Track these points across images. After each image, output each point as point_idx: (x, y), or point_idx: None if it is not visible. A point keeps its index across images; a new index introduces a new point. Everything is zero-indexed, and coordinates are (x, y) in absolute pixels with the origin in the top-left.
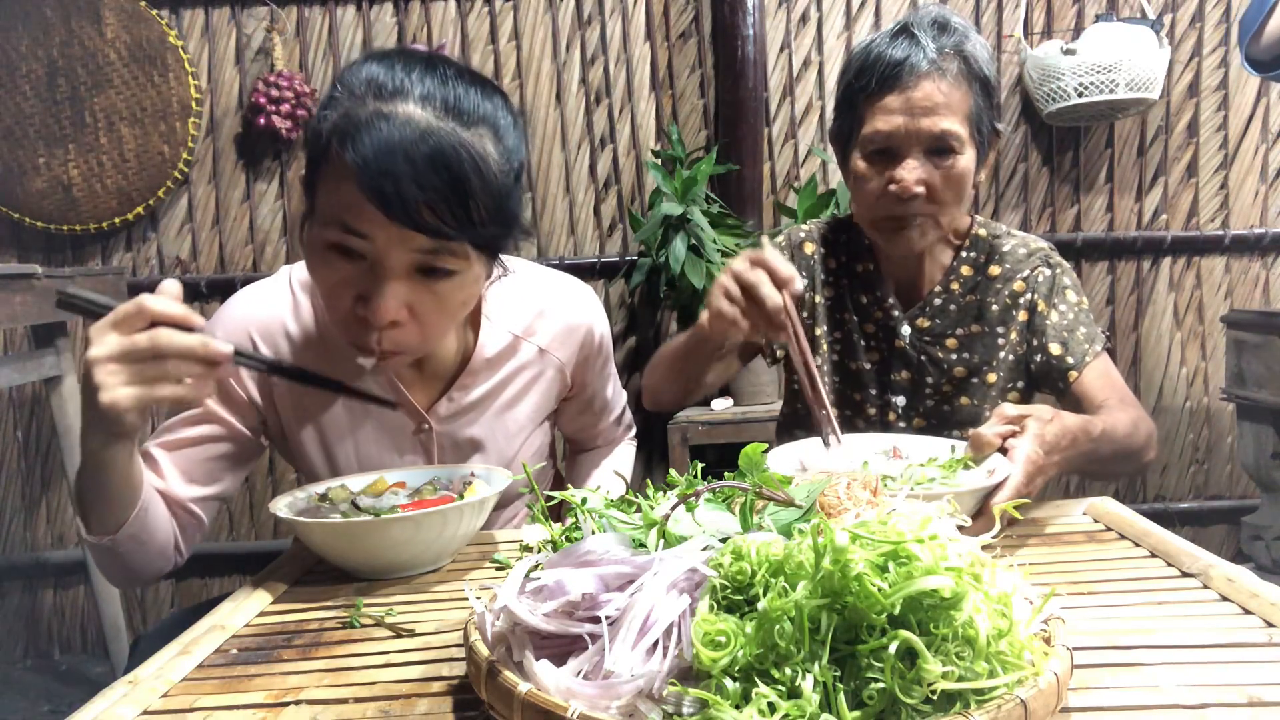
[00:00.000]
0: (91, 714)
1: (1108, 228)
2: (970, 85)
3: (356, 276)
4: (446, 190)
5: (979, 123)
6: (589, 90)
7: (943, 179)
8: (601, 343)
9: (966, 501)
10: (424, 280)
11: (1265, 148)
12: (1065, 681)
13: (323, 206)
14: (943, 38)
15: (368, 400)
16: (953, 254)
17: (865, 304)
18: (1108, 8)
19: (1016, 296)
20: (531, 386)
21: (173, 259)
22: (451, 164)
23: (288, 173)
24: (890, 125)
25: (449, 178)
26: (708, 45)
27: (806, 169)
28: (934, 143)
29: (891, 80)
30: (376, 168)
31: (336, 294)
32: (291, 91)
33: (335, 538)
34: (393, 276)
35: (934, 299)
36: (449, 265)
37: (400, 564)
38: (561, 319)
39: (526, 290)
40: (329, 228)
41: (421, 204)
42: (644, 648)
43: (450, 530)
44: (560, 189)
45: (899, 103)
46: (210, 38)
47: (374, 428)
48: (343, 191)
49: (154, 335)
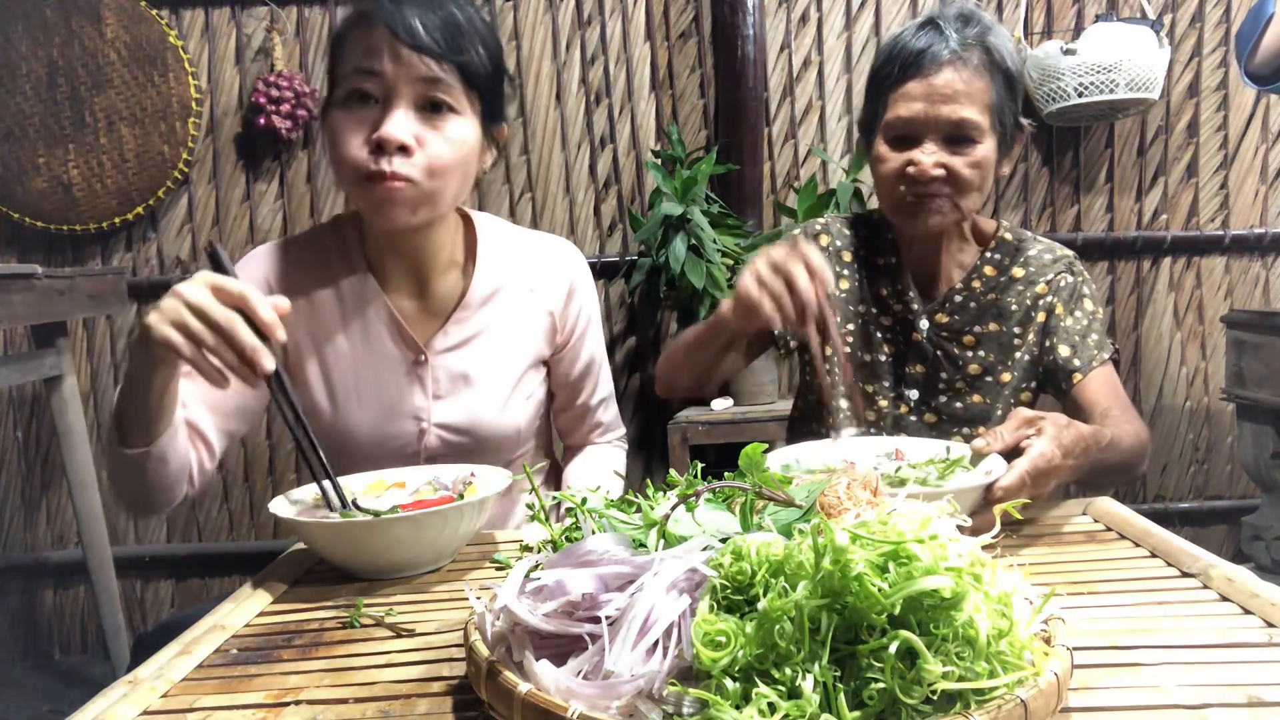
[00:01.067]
0: (91, 714)
1: (1108, 228)
2: (992, 76)
3: (371, 118)
4: (444, 20)
5: (1000, 114)
6: (589, 90)
7: (962, 165)
8: (587, 290)
9: (966, 501)
10: (428, 116)
11: (1265, 148)
12: (1065, 681)
13: (343, 69)
14: (966, 29)
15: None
16: (977, 254)
17: (884, 296)
18: (1108, 8)
19: (1038, 299)
20: (523, 326)
21: (173, 259)
22: (449, 3)
23: (288, 173)
24: (911, 111)
25: (446, 12)
26: (708, 45)
27: (806, 169)
28: (953, 130)
29: (914, 68)
30: (388, 5)
31: (354, 139)
32: (291, 91)
33: (335, 538)
34: (402, 102)
35: (954, 295)
36: (448, 99)
37: (400, 564)
38: (548, 263)
39: (517, 240)
40: (348, 81)
41: (425, 28)
42: (644, 648)
43: (450, 530)
44: (560, 189)
45: (920, 90)
46: (210, 38)
47: (374, 360)
48: (359, 44)
49: (231, 318)
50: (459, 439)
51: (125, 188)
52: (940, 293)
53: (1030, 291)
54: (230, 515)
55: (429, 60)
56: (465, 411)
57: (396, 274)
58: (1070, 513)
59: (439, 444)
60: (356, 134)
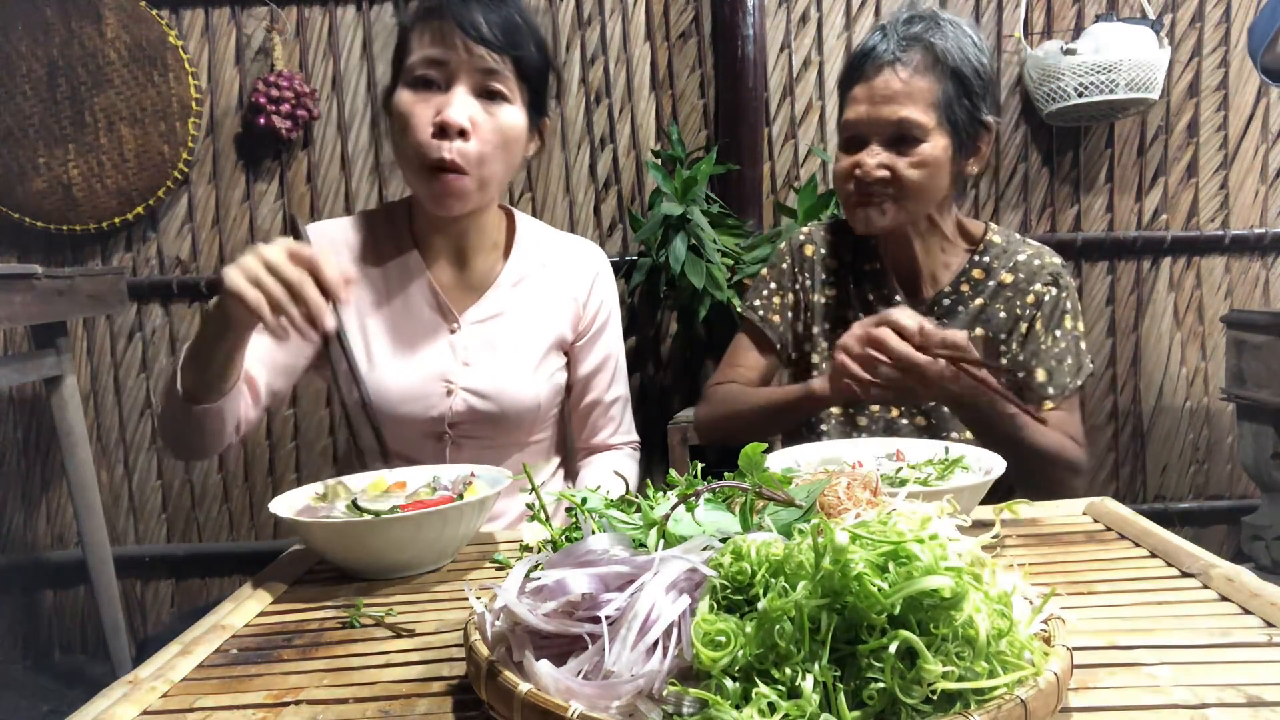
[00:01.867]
0: (91, 714)
1: (1108, 228)
2: (936, 73)
3: (435, 102)
4: (504, 18)
5: (949, 111)
6: (589, 90)
7: (907, 165)
8: (610, 286)
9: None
10: (485, 103)
11: (1265, 148)
12: (1065, 681)
13: (411, 57)
14: (908, 29)
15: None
16: (965, 258)
17: (871, 301)
18: (1108, 8)
19: (1025, 309)
20: (549, 308)
21: (173, 259)
22: (504, 3)
23: (288, 173)
24: (855, 114)
25: (506, 11)
26: (708, 45)
27: (806, 169)
28: (895, 130)
29: (858, 72)
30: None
31: (418, 123)
32: (291, 91)
33: (336, 537)
34: (462, 88)
35: (942, 299)
36: (503, 88)
37: (400, 564)
38: (576, 256)
39: (550, 235)
40: (415, 67)
41: (487, 24)
42: (644, 648)
43: (450, 530)
44: (560, 189)
45: (864, 92)
46: (210, 38)
47: (412, 325)
48: (427, 35)
49: (302, 277)
50: (482, 404)
51: (125, 188)
52: (927, 296)
53: (1019, 300)
54: (230, 515)
55: (489, 52)
56: (490, 379)
57: (440, 252)
58: (1070, 513)
59: (464, 408)
60: (421, 114)
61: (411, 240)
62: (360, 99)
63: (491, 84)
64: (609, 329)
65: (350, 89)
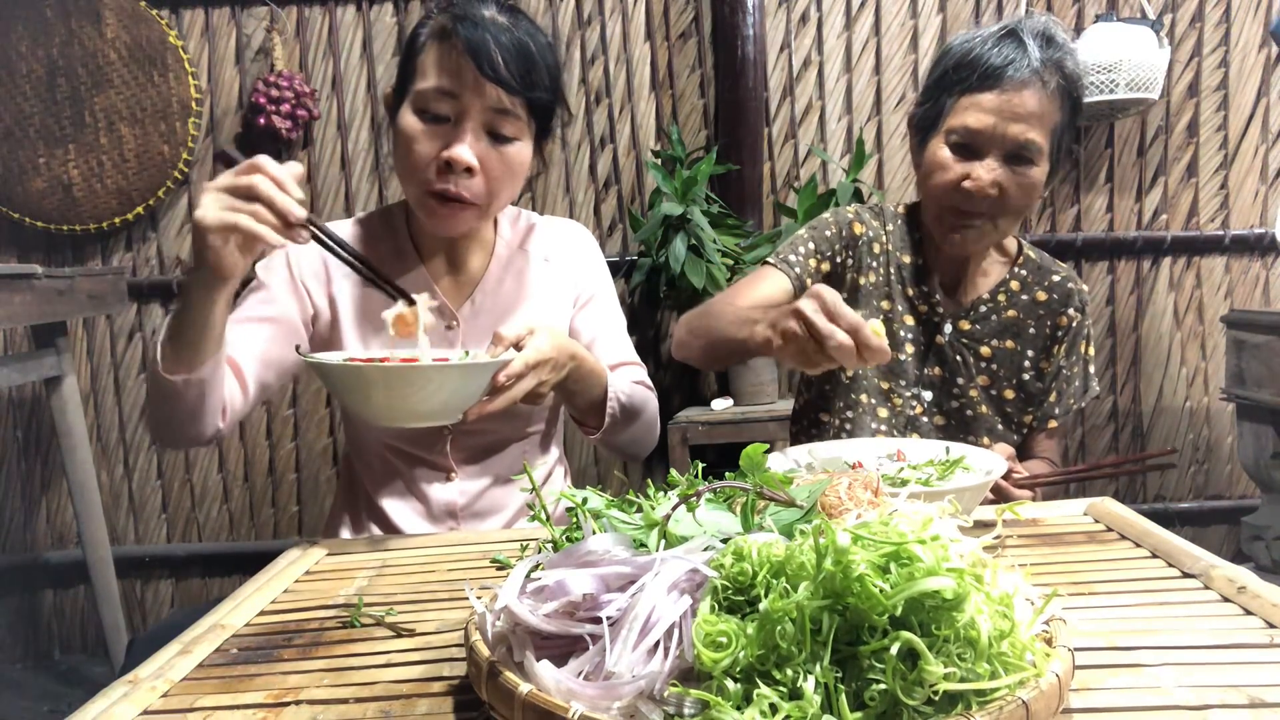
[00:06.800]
0: (91, 714)
1: (1108, 228)
2: (1062, 102)
3: (442, 134)
4: (520, 53)
5: (1059, 140)
6: (589, 90)
7: (1016, 186)
8: (598, 257)
9: (966, 501)
10: (492, 144)
11: (1265, 148)
12: (1067, 682)
13: (422, 83)
14: (1048, 50)
15: (395, 291)
16: (1004, 269)
17: (912, 296)
18: (1108, 8)
19: (1055, 330)
20: (543, 292)
21: (173, 259)
22: (521, 39)
23: None
24: (980, 123)
25: (520, 48)
26: (708, 45)
27: (806, 169)
28: (1016, 149)
29: (992, 80)
30: (473, 36)
31: (423, 153)
32: (291, 91)
33: (359, 380)
34: (471, 125)
35: (980, 305)
36: (510, 131)
37: (421, 412)
38: (559, 236)
39: (531, 219)
40: (425, 96)
41: (504, 62)
42: (645, 648)
43: (474, 384)
44: (560, 189)
45: (994, 103)
46: (210, 38)
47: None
48: (439, 65)
49: (252, 179)
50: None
51: (125, 188)
52: (967, 300)
53: (1051, 320)
54: (230, 515)
55: (502, 93)
56: None
57: (435, 253)
58: (1071, 513)
59: None
60: (428, 147)
61: (409, 242)
62: (360, 99)
63: (502, 125)
64: (601, 296)
65: (350, 89)
